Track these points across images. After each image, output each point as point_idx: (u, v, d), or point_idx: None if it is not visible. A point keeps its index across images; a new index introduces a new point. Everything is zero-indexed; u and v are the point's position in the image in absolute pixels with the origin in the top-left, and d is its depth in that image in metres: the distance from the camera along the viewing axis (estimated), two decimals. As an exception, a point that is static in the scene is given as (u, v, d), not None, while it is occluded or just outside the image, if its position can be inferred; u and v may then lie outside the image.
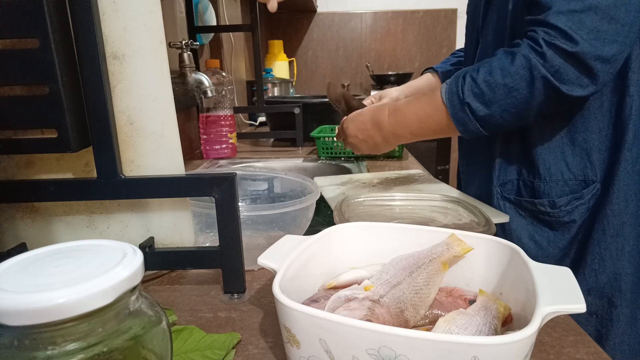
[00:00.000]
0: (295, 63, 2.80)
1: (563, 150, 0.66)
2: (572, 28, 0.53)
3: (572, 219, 0.66)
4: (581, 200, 0.65)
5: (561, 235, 0.68)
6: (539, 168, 0.68)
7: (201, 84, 1.09)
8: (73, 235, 0.50)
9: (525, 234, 0.70)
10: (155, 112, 0.48)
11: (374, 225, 0.47)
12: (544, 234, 0.69)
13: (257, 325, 0.45)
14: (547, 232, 0.69)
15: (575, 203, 0.65)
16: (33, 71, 0.40)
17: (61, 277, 0.23)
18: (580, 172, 0.66)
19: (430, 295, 0.40)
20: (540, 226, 0.69)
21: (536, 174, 0.68)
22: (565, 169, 0.66)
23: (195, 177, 0.47)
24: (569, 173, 0.66)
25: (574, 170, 0.66)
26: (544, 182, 0.68)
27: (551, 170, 0.67)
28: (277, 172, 0.75)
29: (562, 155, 0.66)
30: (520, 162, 0.71)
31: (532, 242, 0.70)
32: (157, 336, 0.26)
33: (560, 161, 0.66)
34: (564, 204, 0.66)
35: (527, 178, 0.70)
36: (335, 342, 0.30)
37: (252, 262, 0.46)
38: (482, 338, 0.28)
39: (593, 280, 0.65)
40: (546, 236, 0.69)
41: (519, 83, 0.58)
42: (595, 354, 0.39)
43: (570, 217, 0.66)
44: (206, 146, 1.28)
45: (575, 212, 0.66)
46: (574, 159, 0.66)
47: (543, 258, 0.69)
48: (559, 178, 0.67)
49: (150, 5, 0.46)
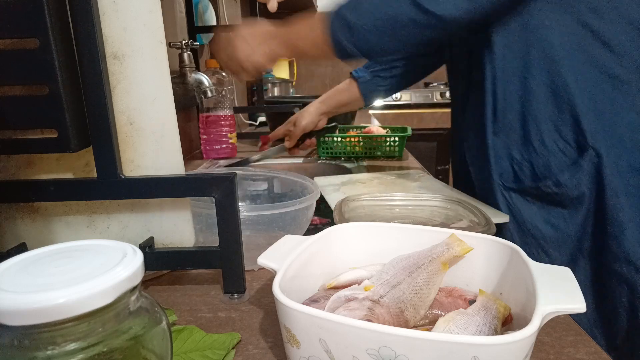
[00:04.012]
0: (295, 63, 2.80)
1: (554, 120, 0.66)
2: None
3: (582, 192, 0.65)
4: (582, 171, 0.64)
5: (575, 211, 0.66)
6: (533, 143, 0.68)
7: (201, 84, 1.10)
8: (73, 235, 0.50)
9: (540, 220, 0.69)
10: (155, 112, 0.48)
11: (374, 225, 0.47)
12: (558, 214, 0.68)
13: (257, 325, 0.45)
14: (561, 212, 0.68)
15: (578, 175, 0.65)
16: (33, 71, 0.40)
17: (61, 277, 0.23)
18: (573, 139, 0.66)
19: (430, 295, 0.40)
20: (553, 208, 0.68)
21: (531, 150, 0.68)
22: (558, 138, 0.66)
23: (195, 177, 0.47)
24: (562, 142, 0.66)
25: (566, 137, 0.66)
26: (541, 156, 0.68)
27: (545, 142, 0.67)
28: (277, 172, 0.75)
29: (554, 126, 0.66)
30: (511, 144, 0.70)
31: (548, 225, 0.68)
32: (157, 336, 0.26)
33: (553, 131, 0.66)
34: (568, 179, 0.65)
35: (521, 159, 0.70)
36: (335, 342, 0.30)
37: (252, 262, 0.46)
38: (482, 338, 0.28)
39: (618, 249, 0.64)
40: (561, 216, 0.68)
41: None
42: (595, 354, 0.39)
43: (578, 190, 0.65)
44: (206, 146, 1.28)
45: (582, 185, 0.65)
46: (565, 128, 0.66)
47: (564, 239, 0.67)
48: (555, 149, 0.67)
49: (150, 5, 0.46)
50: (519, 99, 0.68)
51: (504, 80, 0.69)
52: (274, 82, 2.06)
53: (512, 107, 0.69)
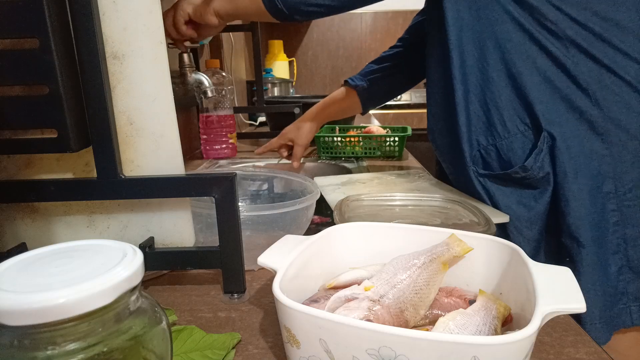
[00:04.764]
0: (295, 63, 2.80)
1: (514, 105, 0.70)
2: None
3: (546, 172, 0.68)
4: (542, 153, 0.68)
5: (544, 190, 0.70)
6: (497, 128, 0.72)
7: (201, 84, 1.09)
8: (73, 235, 0.50)
9: (513, 202, 0.72)
10: (155, 112, 0.48)
11: (374, 225, 0.47)
12: (529, 195, 0.72)
13: (257, 325, 0.45)
14: (532, 192, 0.71)
15: (540, 156, 0.68)
16: (33, 71, 0.40)
17: (61, 277, 0.23)
18: (531, 123, 0.69)
19: (430, 295, 0.40)
20: (524, 190, 0.72)
21: (495, 135, 0.72)
22: (520, 122, 0.70)
23: (195, 177, 0.47)
24: (522, 125, 0.70)
25: (525, 121, 0.70)
26: (504, 139, 0.71)
27: (507, 126, 0.71)
28: (277, 172, 0.75)
29: (514, 110, 0.70)
30: (477, 131, 0.74)
31: (521, 206, 0.72)
32: (157, 336, 0.26)
33: (514, 116, 0.70)
34: (533, 162, 0.68)
35: (487, 144, 0.73)
36: (336, 342, 0.30)
37: (252, 262, 0.46)
38: (482, 338, 0.28)
39: (566, 224, 0.67)
40: (532, 196, 0.71)
41: None
42: (595, 354, 0.39)
43: (543, 171, 0.68)
44: (206, 146, 1.28)
45: (545, 165, 0.68)
46: (523, 113, 0.70)
47: (535, 217, 0.71)
48: (516, 131, 0.70)
49: (150, 5, 0.46)
50: (479, 86, 0.72)
51: (466, 69, 0.73)
52: (274, 82, 2.06)
53: (475, 94, 0.73)
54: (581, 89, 0.66)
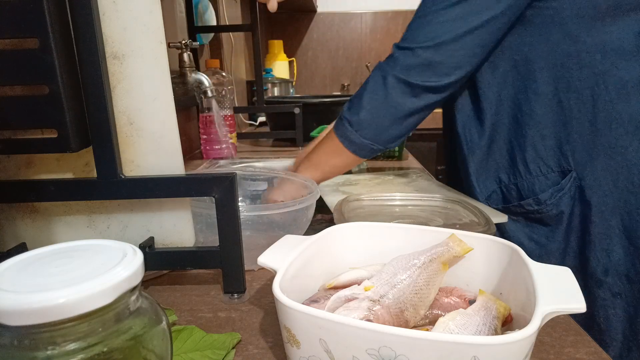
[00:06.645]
0: (295, 63, 2.80)
1: (535, 146, 0.70)
2: None
3: (560, 210, 0.69)
4: (563, 191, 0.68)
5: (555, 227, 0.70)
6: (519, 168, 0.72)
7: (201, 84, 1.10)
8: (73, 235, 0.50)
9: (523, 236, 0.73)
10: (155, 112, 0.48)
11: (374, 225, 0.47)
12: (539, 231, 0.72)
13: (257, 325, 0.45)
14: (542, 229, 0.71)
15: (558, 195, 0.68)
16: (33, 71, 0.40)
17: (61, 277, 0.23)
18: (556, 164, 0.69)
19: (430, 295, 0.40)
20: (534, 225, 0.72)
21: (517, 175, 0.72)
22: (542, 163, 0.70)
23: (195, 177, 0.47)
24: (545, 167, 0.70)
25: (549, 163, 0.69)
26: (525, 180, 0.71)
27: (529, 168, 0.71)
28: (277, 172, 0.75)
29: (536, 152, 0.70)
30: (497, 169, 0.74)
31: (531, 242, 0.72)
32: (157, 336, 0.26)
33: (536, 158, 0.70)
34: (548, 198, 0.69)
35: (508, 182, 0.74)
36: (336, 342, 0.30)
37: (252, 262, 0.46)
38: (482, 338, 0.28)
39: (606, 260, 0.66)
40: (543, 233, 0.71)
41: (374, 85, 0.68)
42: (595, 354, 0.39)
43: (557, 209, 0.69)
44: (206, 146, 1.28)
45: (562, 204, 0.68)
46: (547, 153, 0.69)
47: (547, 255, 0.70)
48: (539, 173, 0.70)
49: (150, 5, 0.46)
50: (507, 127, 0.72)
51: (497, 109, 0.73)
52: (274, 82, 2.05)
53: (501, 134, 0.73)
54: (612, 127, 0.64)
